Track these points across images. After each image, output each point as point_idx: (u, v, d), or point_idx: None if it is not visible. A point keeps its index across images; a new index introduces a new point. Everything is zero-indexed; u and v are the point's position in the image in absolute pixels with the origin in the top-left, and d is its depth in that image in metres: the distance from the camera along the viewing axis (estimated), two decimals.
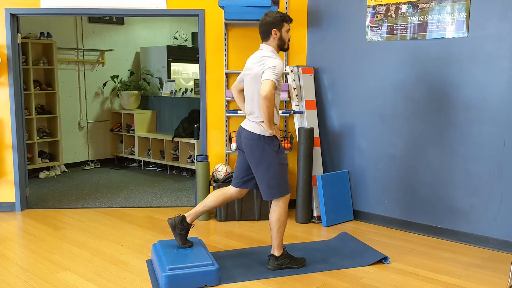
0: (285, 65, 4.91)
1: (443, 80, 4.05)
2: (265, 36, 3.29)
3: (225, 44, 4.85)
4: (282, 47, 3.32)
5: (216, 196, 3.52)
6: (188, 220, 3.45)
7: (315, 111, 4.87)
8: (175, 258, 3.20)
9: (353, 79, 4.64)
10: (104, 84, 7.59)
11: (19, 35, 4.93)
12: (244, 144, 3.31)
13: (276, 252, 3.37)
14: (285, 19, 3.29)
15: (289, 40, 3.34)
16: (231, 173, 4.62)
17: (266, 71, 3.09)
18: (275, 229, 3.33)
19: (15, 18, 4.85)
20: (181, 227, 3.41)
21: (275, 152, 3.26)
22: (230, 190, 3.51)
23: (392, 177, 4.43)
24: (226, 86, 4.89)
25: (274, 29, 3.25)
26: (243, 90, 3.45)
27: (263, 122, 3.18)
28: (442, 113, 4.08)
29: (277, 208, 3.31)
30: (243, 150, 3.35)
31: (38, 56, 6.76)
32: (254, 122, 3.25)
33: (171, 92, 7.37)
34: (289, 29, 3.32)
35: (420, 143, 4.23)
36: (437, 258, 3.68)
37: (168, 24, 8.41)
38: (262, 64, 3.16)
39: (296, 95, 4.80)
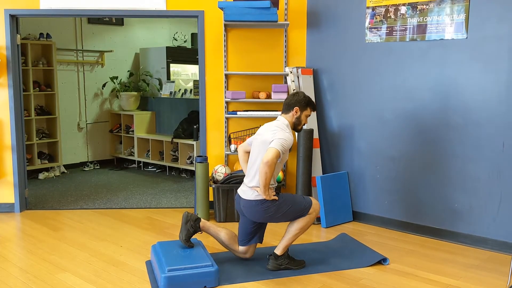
0: (285, 66, 4.92)
1: (442, 82, 4.06)
2: (286, 109, 3.42)
3: (225, 45, 4.85)
4: (296, 126, 3.45)
5: (229, 237, 3.54)
6: (200, 224, 3.49)
7: (315, 112, 4.87)
8: (175, 259, 3.20)
9: (352, 80, 4.65)
10: (104, 85, 7.59)
11: (19, 36, 4.93)
12: (246, 212, 3.40)
13: (279, 252, 3.40)
14: (311, 105, 3.44)
15: (304, 125, 3.48)
16: (231, 174, 4.63)
17: (275, 140, 3.19)
18: (293, 233, 3.38)
19: (14, 19, 4.85)
20: (192, 224, 3.45)
21: (275, 202, 3.31)
22: (238, 246, 3.58)
23: (391, 178, 4.43)
24: (225, 87, 4.89)
25: (297, 107, 3.38)
26: (249, 152, 3.55)
27: (257, 187, 3.27)
28: (441, 115, 4.08)
29: (306, 218, 3.38)
30: (246, 216, 3.43)
31: (37, 57, 6.76)
32: (249, 188, 3.33)
33: (171, 93, 7.37)
34: (309, 115, 3.47)
35: (419, 144, 4.23)
36: (436, 259, 3.68)
37: (167, 25, 8.42)
38: (274, 132, 3.26)
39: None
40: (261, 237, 3.58)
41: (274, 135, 3.23)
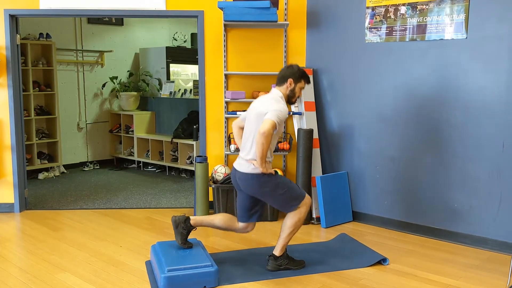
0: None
1: (442, 82, 4.06)
2: (280, 81, 3.39)
3: (224, 45, 4.85)
4: (290, 99, 3.41)
5: (225, 220, 3.53)
6: (191, 222, 3.47)
7: (314, 112, 4.87)
8: (174, 259, 3.20)
9: (352, 80, 4.65)
10: (103, 85, 7.58)
11: (18, 36, 4.93)
12: (241, 185, 3.37)
13: (278, 252, 3.38)
14: (305, 77, 3.41)
15: (298, 97, 3.45)
16: (230, 174, 4.62)
17: (270, 111, 3.16)
18: (287, 231, 3.35)
19: (14, 19, 4.85)
20: (183, 226, 3.43)
21: (273, 179, 3.29)
22: (238, 224, 3.55)
23: (391, 179, 4.43)
24: (225, 87, 4.89)
25: (291, 79, 3.35)
26: (243, 128, 3.51)
27: (254, 160, 3.23)
28: (441, 115, 4.08)
29: (297, 214, 3.34)
30: (242, 189, 3.40)
31: (37, 57, 6.76)
32: (245, 161, 3.30)
33: (170, 93, 7.37)
34: (303, 88, 3.44)
35: (419, 144, 4.23)
36: (436, 259, 3.68)
37: (167, 25, 8.42)
38: (268, 104, 3.23)
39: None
40: (262, 215, 3.53)
41: (269, 107, 3.19)
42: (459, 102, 3.97)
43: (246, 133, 3.36)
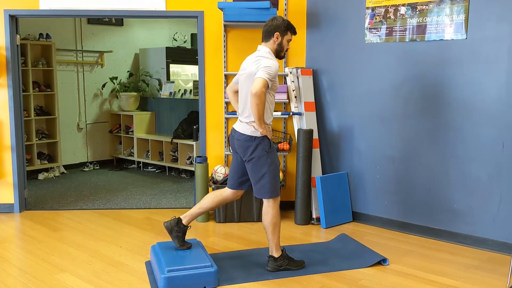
0: (284, 67, 4.91)
1: (442, 82, 4.06)
2: (266, 37, 3.31)
3: (224, 45, 4.85)
4: (279, 53, 3.34)
5: (212, 198, 3.53)
6: (184, 222, 3.45)
7: (314, 112, 4.87)
8: (174, 260, 3.20)
9: (352, 80, 4.65)
10: (103, 86, 7.58)
11: (18, 36, 4.93)
12: (236, 145, 3.34)
13: (275, 253, 3.37)
14: (291, 29, 3.33)
15: (287, 50, 3.38)
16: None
17: (260, 70, 3.10)
18: (270, 231, 3.34)
19: (14, 19, 4.85)
20: (177, 229, 3.42)
21: (267, 152, 3.27)
22: (226, 192, 3.53)
23: (391, 179, 4.43)
24: (225, 88, 4.89)
25: (277, 33, 3.28)
26: (238, 92, 3.46)
27: (253, 122, 3.19)
28: (441, 115, 4.08)
29: (269, 210, 3.32)
30: (237, 151, 3.37)
31: (37, 57, 6.76)
32: (245, 123, 3.27)
33: (170, 93, 7.37)
34: (291, 40, 3.36)
35: (419, 145, 4.23)
36: (436, 260, 3.68)
37: (167, 25, 8.42)
38: (257, 63, 3.18)
39: (295, 97, 4.80)
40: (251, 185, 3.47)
41: (258, 65, 3.14)
42: (458, 103, 3.97)
43: (242, 96, 3.31)
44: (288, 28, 3.31)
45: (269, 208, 3.32)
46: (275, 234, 3.34)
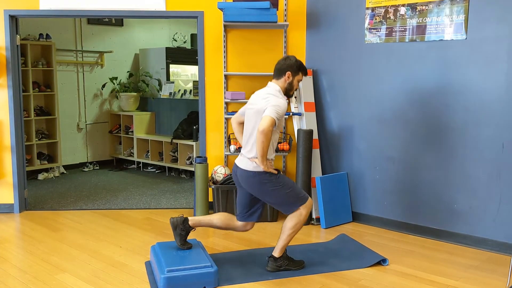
0: None
1: (441, 82, 4.06)
2: (278, 74, 3.34)
3: (224, 46, 4.85)
4: (288, 92, 3.37)
5: (224, 218, 3.51)
6: (190, 223, 3.46)
7: (314, 113, 4.87)
8: (174, 260, 3.20)
9: (352, 81, 4.65)
10: (103, 86, 7.58)
11: (18, 36, 4.93)
12: (241, 181, 3.35)
13: (277, 254, 3.38)
14: (303, 70, 3.37)
15: (296, 90, 3.42)
16: (230, 174, 4.63)
17: (269, 107, 3.12)
18: (287, 233, 3.33)
19: (14, 20, 4.85)
20: (182, 227, 3.42)
21: (274, 178, 3.26)
22: (237, 222, 3.52)
23: (390, 179, 4.43)
24: (225, 88, 4.89)
25: (289, 72, 3.30)
26: (243, 123, 3.49)
27: (256, 158, 3.21)
28: (440, 115, 4.08)
29: (297, 215, 3.32)
30: (242, 186, 3.38)
31: (37, 57, 6.76)
32: (247, 159, 3.27)
33: (170, 93, 7.37)
34: (301, 80, 3.40)
35: (418, 145, 4.23)
36: (436, 260, 3.68)
37: (167, 25, 8.42)
38: (266, 100, 3.19)
39: (295, 97, 4.80)
40: (261, 215, 3.50)
41: (267, 103, 3.15)
42: (458, 103, 3.97)
43: (247, 130, 3.32)
44: (300, 69, 3.35)
45: (298, 215, 3.31)
46: (289, 238, 3.35)
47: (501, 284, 3.24)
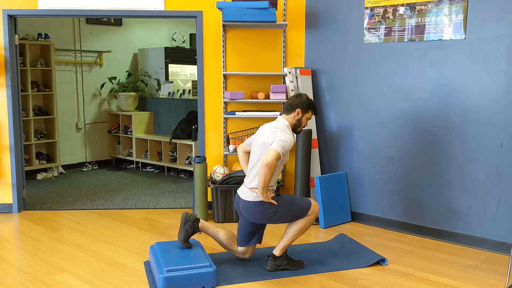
0: (283, 67, 4.92)
1: (440, 82, 4.06)
2: (288, 110, 3.41)
3: (223, 45, 4.85)
4: (296, 128, 3.45)
5: (228, 238, 3.55)
6: (199, 225, 3.49)
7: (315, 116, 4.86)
8: (173, 260, 3.19)
9: (351, 81, 4.65)
10: (102, 86, 7.58)
11: (17, 36, 4.92)
12: (244, 213, 3.41)
13: (278, 253, 3.39)
14: (313, 108, 3.46)
15: (304, 127, 3.49)
16: (229, 174, 4.62)
17: (276, 141, 3.18)
18: (292, 234, 3.37)
19: (12, 19, 4.84)
20: (191, 225, 3.45)
21: (275, 204, 3.30)
22: (237, 247, 3.57)
23: (389, 179, 4.43)
24: (224, 88, 4.89)
25: (299, 109, 3.38)
26: (249, 153, 3.55)
27: (256, 188, 3.26)
28: (439, 115, 4.08)
29: (305, 219, 3.37)
30: (244, 215, 3.43)
31: (35, 57, 6.75)
32: (248, 189, 3.33)
33: (169, 93, 7.37)
34: (310, 118, 3.48)
35: (417, 144, 4.23)
36: (435, 260, 3.68)
37: (166, 25, 8.42)
38: (274, 134, 3.26)
39: None
40: (260, 238, 3.57)
41: (274, 137, 3.22)
42: (457, 103, 3.98)
43: (252, 161, 3.39)
44: (310, 107, 3.43)
45: (306, 219, 3.36)
46: (292, 239, 3.39)
47: (500, 283, 3.24)
